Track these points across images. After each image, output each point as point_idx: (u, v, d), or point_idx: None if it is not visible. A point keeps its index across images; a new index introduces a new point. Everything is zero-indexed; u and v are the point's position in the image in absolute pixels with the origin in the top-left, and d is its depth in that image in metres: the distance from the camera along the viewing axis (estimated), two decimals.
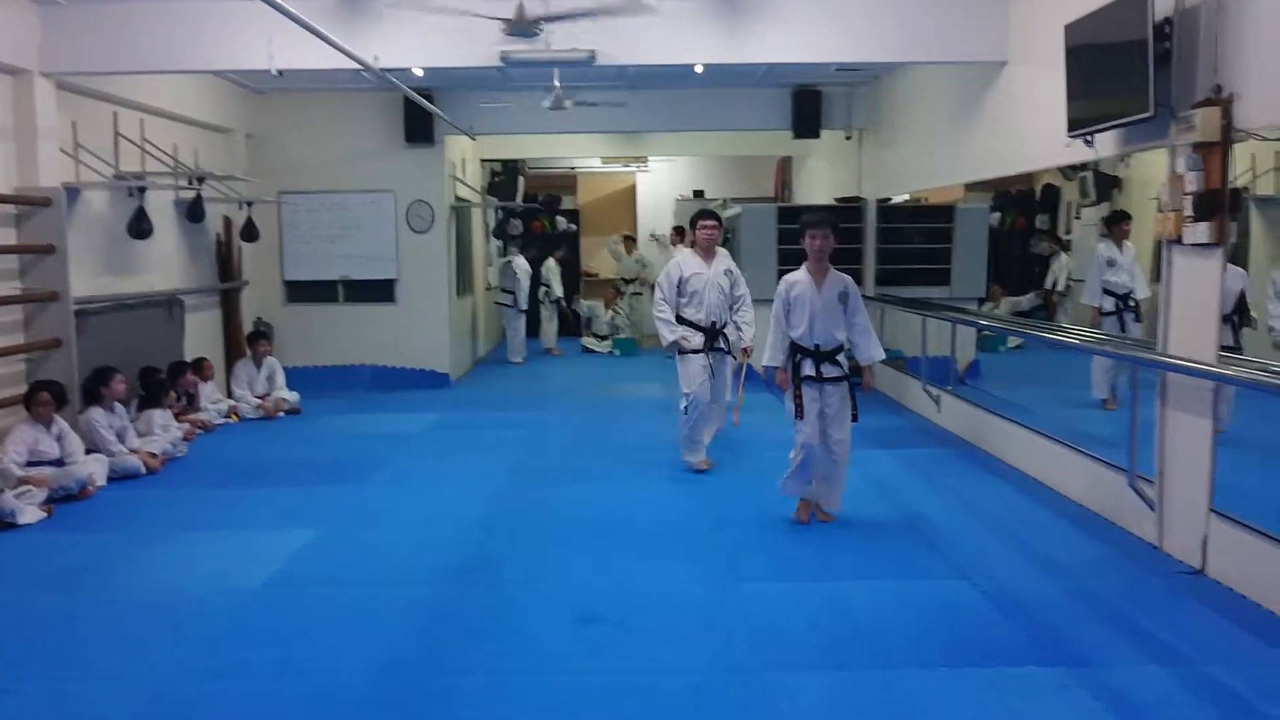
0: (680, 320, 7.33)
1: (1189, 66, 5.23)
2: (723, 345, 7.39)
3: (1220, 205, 5.03)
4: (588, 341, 15.89)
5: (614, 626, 4.60)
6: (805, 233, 6.05)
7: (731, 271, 7.43)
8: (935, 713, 3.77)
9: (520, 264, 14.62)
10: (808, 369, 6.02)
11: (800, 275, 6.07)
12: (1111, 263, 7.04)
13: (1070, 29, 6.17)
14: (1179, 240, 5.32)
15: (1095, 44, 5.95)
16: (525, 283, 14.55)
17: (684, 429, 7.43)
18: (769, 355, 6.14)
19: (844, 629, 4.56)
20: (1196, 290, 5.27)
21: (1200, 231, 5.11)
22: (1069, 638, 4.42)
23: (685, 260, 7.46)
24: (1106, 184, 7.40)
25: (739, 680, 4.05)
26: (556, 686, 4.00)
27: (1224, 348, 5.10)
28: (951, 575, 5.23)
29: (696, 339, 7.29)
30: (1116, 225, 7.10)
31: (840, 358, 6.05)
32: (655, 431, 8.85)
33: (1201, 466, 5.22)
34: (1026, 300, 9.33)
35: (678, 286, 7.32)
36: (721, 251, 7.56)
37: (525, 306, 14.59)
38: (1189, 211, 5.17)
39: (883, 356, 6.24)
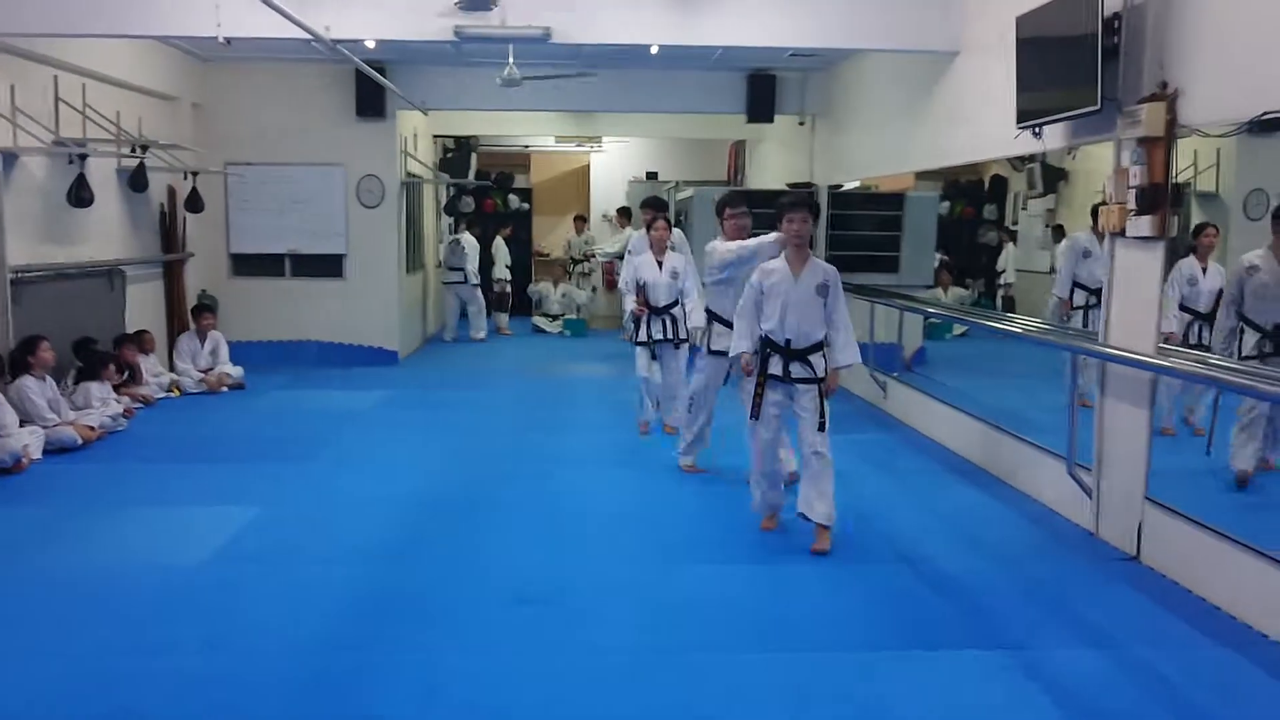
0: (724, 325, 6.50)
1: (1136, 62, 5.30)
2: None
3: (1162, 199, 5.11)
4: (538, 321, 15.86)
5: (551, 606, 4.60)
6: (782, 216, 5.47)
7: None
8: (876, 695, 3.81)
9: (468, 240, 14.52)
10: (774, 367, 5.44)
11: (777, 263, 5.48)
12: (1087, 254, 6.85)
13: (1021, 21, 6.22)
14: (1122, 233, 5.41)
15: (1045, 37, 6.01)
16: (475, 258, 14.45)
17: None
18: (736, 343, 5.63)
19: (783, 611, 4.60)
20: (1138, 282, 5.36)
21: (1143, 225, 5.20)
22: (1007, 622, 4.50)
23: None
24: (1054, 176, 7.49)
25: (674, 661, 4.07)
26: (491, 665, 3.99)
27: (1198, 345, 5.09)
28: (892, 559, 5.29)
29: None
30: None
31: (815, 358, 5.41)
32: (601, 413, 8.86)
33: (1138, 456, 5.33)
34: (968, 293, 9.45)
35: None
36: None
37: (476, 281, 14.50)
38: (1132, 205, 5.25)
39: (857, 360, 5.58)
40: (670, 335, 7.73)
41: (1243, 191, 5.19)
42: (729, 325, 6.17)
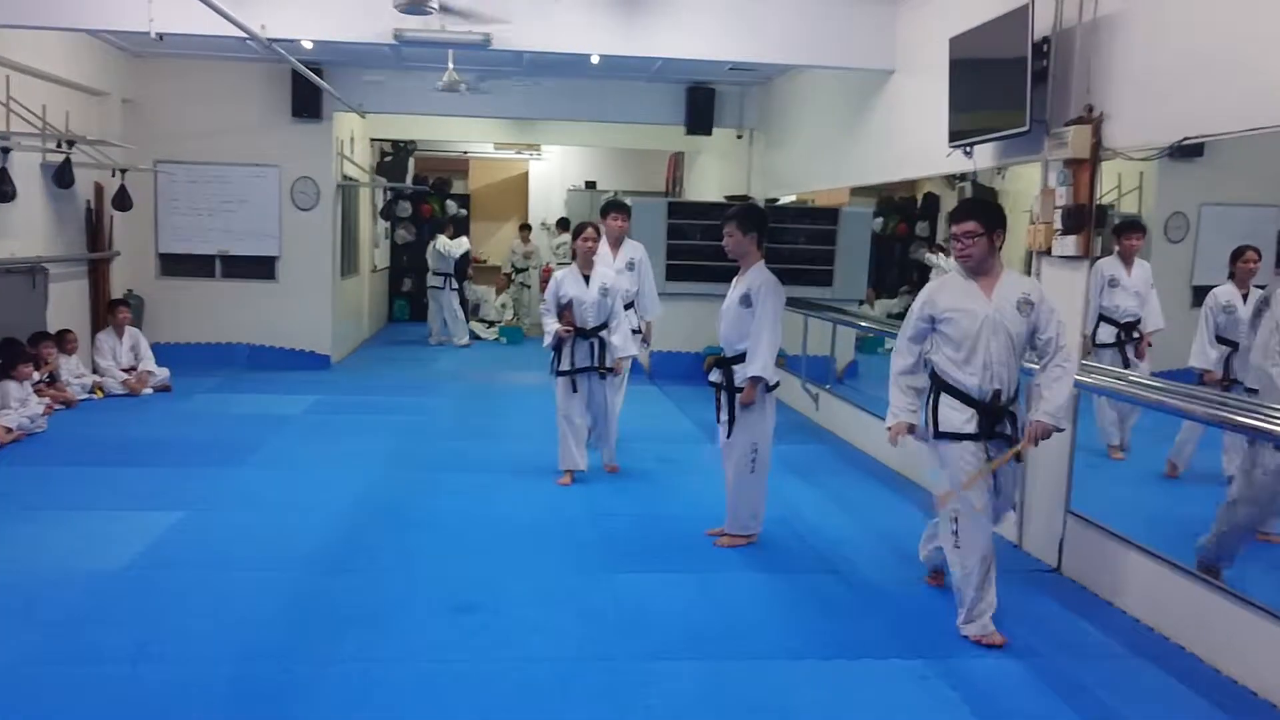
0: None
1: (1064, 85, 5.45)
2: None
3: (1087, 220, 5.26)
4: (475, 327, 15.75)
5: (489, 614, 4.58)
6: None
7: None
8: (800, 703, 3.86)
9: (444, 243, 14.46)
10: (714, 375, 5.60)
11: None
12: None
13: (954, 42, 6.36)
14: (1048, 252, 5.55)
15: (977, 59, 6.15)
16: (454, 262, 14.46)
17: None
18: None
19: (713, 620, 4.63)
20: (1063, 300, 5.48)
21: (1068, 244, 5.34)
22: (930, 631, 4.57)
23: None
24: (984, 195, 7.65)
25: (608, 668, 4.08)
26: (427, 674, 3.96)
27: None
28: (819, 569, 5.36)
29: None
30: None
31: (737, 368, 5.48)
32: (536, 421, 8.83)
33: (1060, 470, 5.46)
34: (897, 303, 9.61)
35: None
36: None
37: (454, 286, 14.51)
38: (1058, 225, 5.39)
39: (754, 373, 5.41)
40: (596, 363, 6.85)
41: (1163, 214, 5.35)
42: None
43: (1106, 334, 5.69)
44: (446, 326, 14.58)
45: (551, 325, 6.79)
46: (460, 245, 14.64)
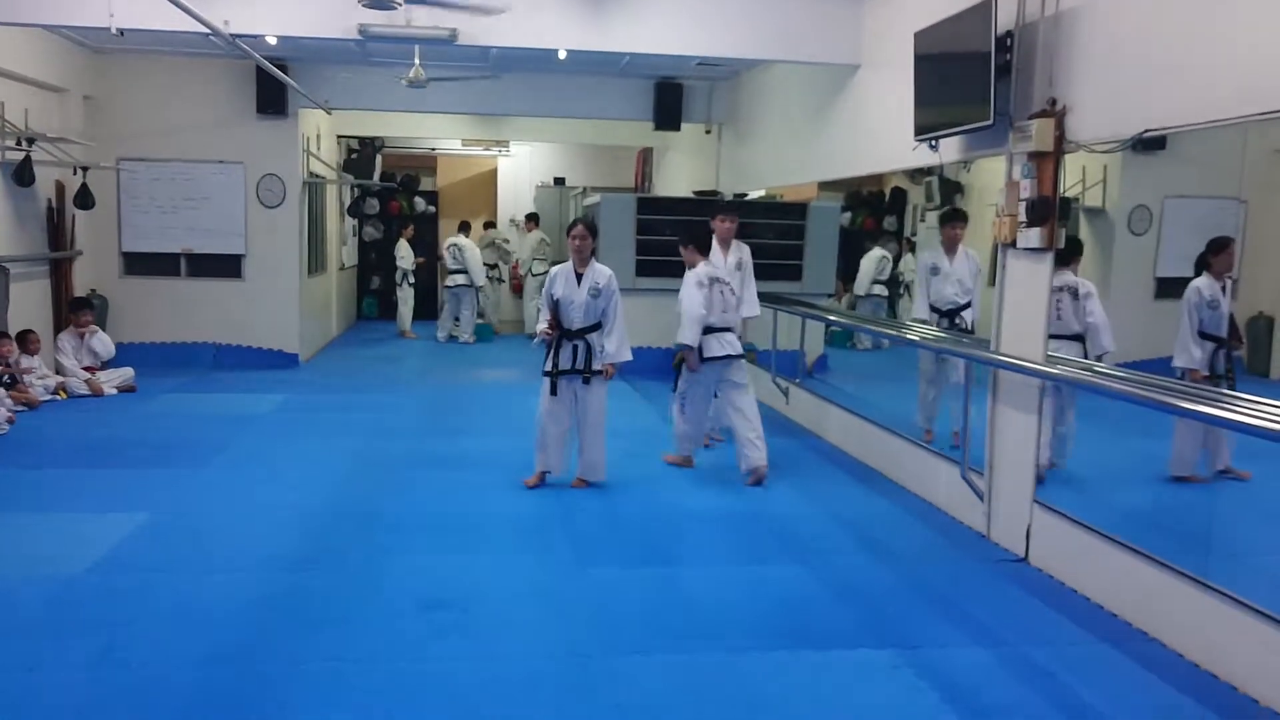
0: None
1: (1028, 79, 5.49)
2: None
3: (1051, 212, 5.30)
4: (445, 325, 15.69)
5: (458, 612, 4.56)
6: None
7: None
8: (771, 694, 3.87)
9: (465, 243, 14.54)
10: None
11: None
12: (935, 270, 7.23)
13: (919, 36, 6.39)
14: (1013, 244, 5.59)
15: (942, 52, 6.19)
16: (476, 262, 14.53)
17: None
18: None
19: (684, 614, 4.63)
20: (1027, 292, 5.54)
21: (1033, 236, 5.38)
22: (899, 621, 4.60)
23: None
24: (950, 189, 7.71)
25: (579, 664, 4.07)
26: (397, 673, 3.94)
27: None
28: (790, 561, 5.37)
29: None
30: None
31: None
32: (504, 419, 8.80)
33: (1027, 460, 5.51)
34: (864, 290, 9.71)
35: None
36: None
37: (480, 283, 14.63)
38: (1023, 217, 5.43)
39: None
40: (580, 366, 6.58)
41: (1127, 207, 5.41)
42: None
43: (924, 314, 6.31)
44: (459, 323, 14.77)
45: (540, 324, 6.67)
46: (404, 258, 15.03)
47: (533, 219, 15.29)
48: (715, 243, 7.55)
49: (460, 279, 14.49)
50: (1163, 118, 4.50)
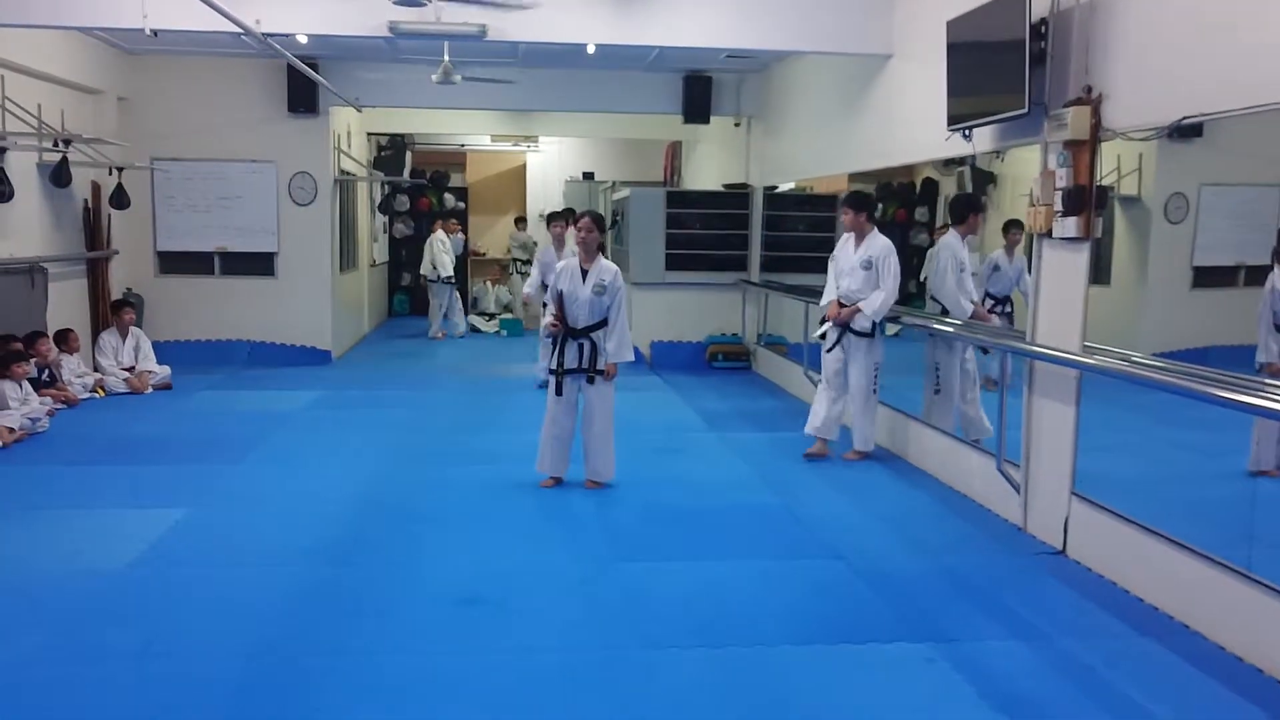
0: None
1: (1063, 66, 5.42)
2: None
3: (1087, 201, 5.24)
4: (474, 320, 15.77)
5: (493, 606, 4.58)
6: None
7: None
8: (807, 688, 3.86)
9: (438, 237, 14.78)
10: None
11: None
12: (963, 268, 7.30)
13: (952, 25, 6.34)
14: (1049, 234, 5.53)
15: (975, 41, 6.13)
16: (445, 256, 14.76)
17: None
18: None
19: (719, 608, 4.62)
20: (1064, 282, 5.48)
21: (1069, 226, 5.32)
22: (936, 615, 4.57)
23: None
24: (982, 179, 7.64)
25: (615, 658, 4.07)
26: (433, 666, 3.96)
27: None
28: (825, 555, 5.35)
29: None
30: None
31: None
32: (537, 414, 8.80)
33: (1064, 452, 5.45)
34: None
35: None
36: None
37: (443, 277, 14.75)
38: (1059, 206, 5.37)
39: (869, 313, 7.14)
40: (586, 365, 6.43)
41: (1163, 195, 5.33)
42: None
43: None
44: (447, 319, 14.78)
45: (546, 317, 6.57)
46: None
47: (556, 215, 15.19)
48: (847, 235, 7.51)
49: (431, 274, 14.74)
50: (1201, 104, 4.44)
